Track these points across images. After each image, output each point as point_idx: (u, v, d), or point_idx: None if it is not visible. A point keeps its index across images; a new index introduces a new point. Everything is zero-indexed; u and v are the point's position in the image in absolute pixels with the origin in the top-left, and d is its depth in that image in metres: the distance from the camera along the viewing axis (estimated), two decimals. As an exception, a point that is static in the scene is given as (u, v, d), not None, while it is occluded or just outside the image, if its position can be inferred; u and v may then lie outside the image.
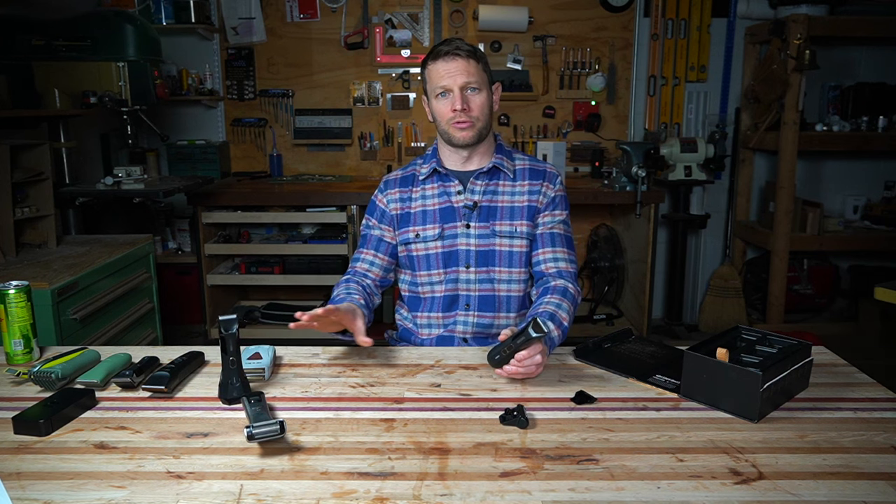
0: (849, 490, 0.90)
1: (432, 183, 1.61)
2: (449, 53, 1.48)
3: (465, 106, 1.48)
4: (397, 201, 1.61)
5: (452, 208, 1.58)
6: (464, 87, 1.48)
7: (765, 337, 1.27)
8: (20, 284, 1.32)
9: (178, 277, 3.55)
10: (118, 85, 2.71)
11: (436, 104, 1.53)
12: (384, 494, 0.89)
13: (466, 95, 1.49)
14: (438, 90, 1.50)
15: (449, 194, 1.58)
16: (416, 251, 1.59)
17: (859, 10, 3.36)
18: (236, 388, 1.16)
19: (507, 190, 1.58)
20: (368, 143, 3.72)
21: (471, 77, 1.48)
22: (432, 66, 1.51)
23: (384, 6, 3.61)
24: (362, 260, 1.62)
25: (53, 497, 0.89)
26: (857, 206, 3.77)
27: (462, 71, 1.48)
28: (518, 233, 1.56)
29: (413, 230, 1.59)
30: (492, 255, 1.57)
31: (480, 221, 1.56)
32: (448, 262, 1.58)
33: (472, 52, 1.50)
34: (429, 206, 1.59)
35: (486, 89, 1.52)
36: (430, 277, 1.60)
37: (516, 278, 1.59)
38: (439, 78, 1.49)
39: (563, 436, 1.05)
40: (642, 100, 3.74)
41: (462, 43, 1.51)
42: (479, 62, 1.51)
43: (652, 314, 3.44)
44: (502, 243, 1.57)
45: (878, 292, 2.22)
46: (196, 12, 3.43)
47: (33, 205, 2.30)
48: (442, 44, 1.52)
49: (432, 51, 1.52)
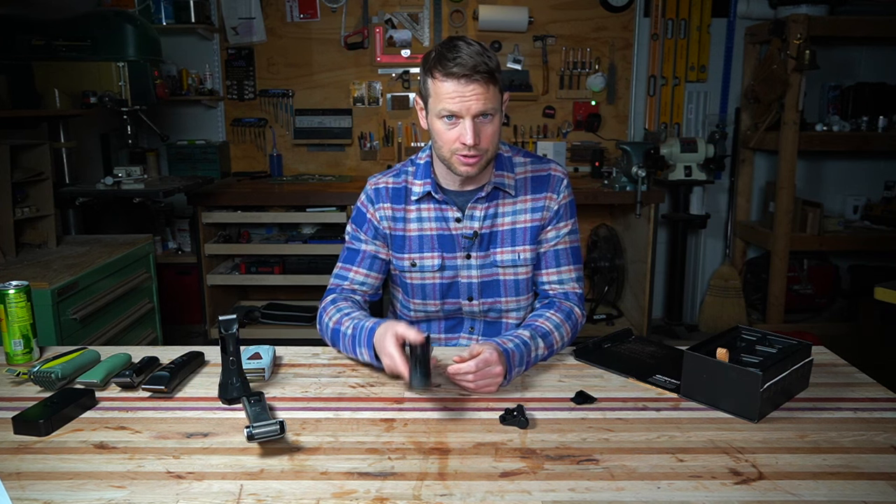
0: (849, 490, 0.90)
1: (428, 204, 1.44)
2: (467, 77, 1.23)
3: (477, 140, 1.27)
4: (389, 219, 1.45)
5: (451, 236, 1.44)
6: (477, 116, 1.27)
7: (765, 337, 1.27)
8: (20, 284, 1.32)
9: (178, 277, 3.55)
10: (118, 85, 2.71)
11: (438, 125, 1.30)
12: (384, 494, 0.89)
13: (478, 125, 1.27)
14: (445, 113, 1.27)
15: (447, 220, 1.43)
16: (410, 279, 1.47)
17: (859, 10, 3.36)
18: (236, 388, 1.16)
19: (509, 210, 1.44)
20: (368, 143, 3.72)
21: (487, 105, 1.26)
22: (441, 84, 1.26)
23: (384, 6, 3.61)
24: (351, 279, 1.46)
25: (53, 497, 0.89)
26: (857, 206, 3.78)
27: (478, 97, 1.25)
28: (521, 260, 1.44)
29: (409, 258, 1.45)
30: (496, 286, 1.46)
31: (481, 251, 1.44)
32: (447, 293, 1.47)
33: (491, 73, 1.25)
34: (426, 230, 1.44)
35: (500, 112, 1.32)
36: (424, 306, 1.50)
37: (524, 304, 1.50)
38: (449, 100, 1.25)
39: (563, 436, 1.05)
40: (642, 100, 3.74)
41: (480, 58, 1.24)
42: (498, 83, 1.28)
43: (652, 314, 3.44)
44: (506, 272, 1.45)
45: (878, 292, 2.22)
46: (196, 12, 3.43)
47: (33, 205, 2.30)
48: (454, 54, 1.24)
49: (442, 61, 1.25)
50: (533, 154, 1.51)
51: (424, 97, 1.34)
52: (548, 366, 1.32)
